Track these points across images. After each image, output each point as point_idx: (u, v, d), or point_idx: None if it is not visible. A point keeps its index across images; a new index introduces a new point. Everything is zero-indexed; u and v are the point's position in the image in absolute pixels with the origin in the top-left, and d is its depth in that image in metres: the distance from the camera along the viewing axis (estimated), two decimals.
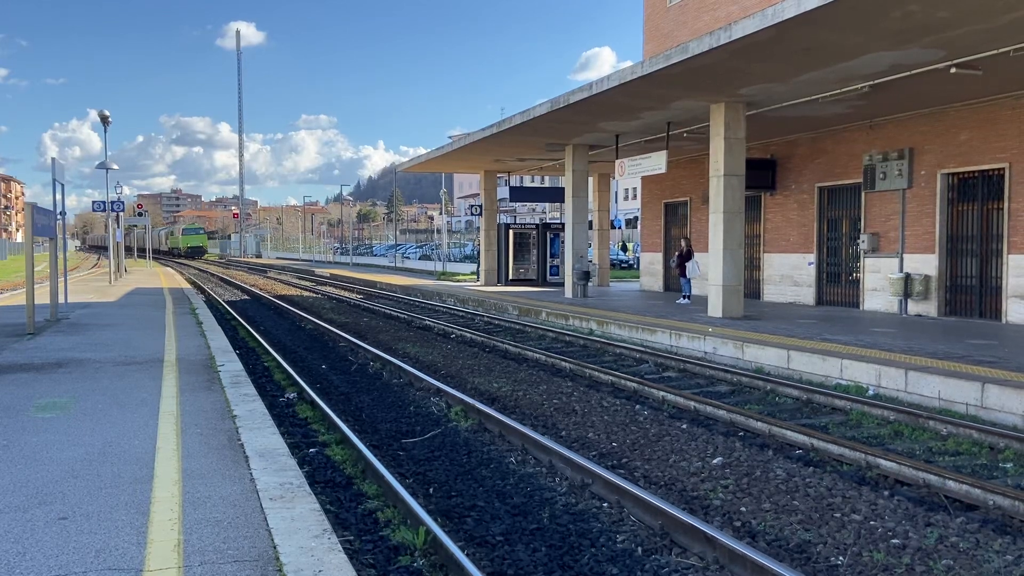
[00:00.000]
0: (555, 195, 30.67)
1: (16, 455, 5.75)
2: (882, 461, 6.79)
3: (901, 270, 16.48)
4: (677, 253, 20.73)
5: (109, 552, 3.97)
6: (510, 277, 28.96)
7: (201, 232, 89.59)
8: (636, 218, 55.49)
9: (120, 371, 9.42)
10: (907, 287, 16.14)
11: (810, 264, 19.22)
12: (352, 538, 5.35)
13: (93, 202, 35.51)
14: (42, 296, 16.80)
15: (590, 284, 22.96)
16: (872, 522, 5.59)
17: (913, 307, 16.26)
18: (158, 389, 8.25)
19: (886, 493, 6.22)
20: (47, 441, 6.15)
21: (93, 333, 13.32)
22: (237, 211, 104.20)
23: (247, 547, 4.03)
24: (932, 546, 5.17)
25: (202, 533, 4.21)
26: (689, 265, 19.84)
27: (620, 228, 67.17)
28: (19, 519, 4.44)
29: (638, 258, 34.01)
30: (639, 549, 5.25)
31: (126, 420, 6.84)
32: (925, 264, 16.15)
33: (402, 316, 20.01)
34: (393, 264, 53.86)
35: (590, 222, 27.60)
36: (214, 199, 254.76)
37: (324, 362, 13.35)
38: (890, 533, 5.38)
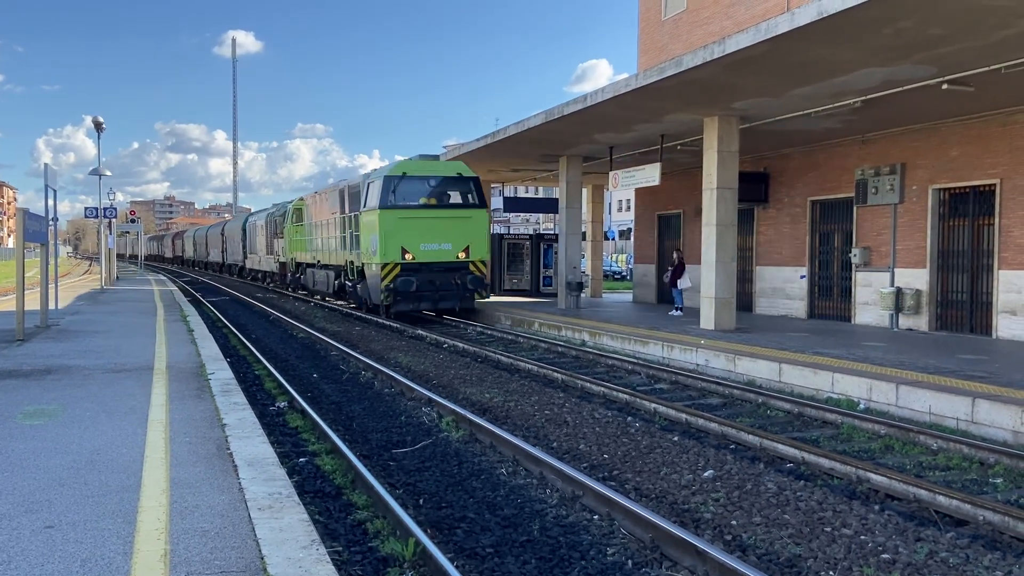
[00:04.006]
0: (549, 206, 30.71)
1: (2, 462, 5.70)
2: (873, 475, 6.80)
3: (892, 284, 16.53)
4: (670, 267, 20.75)
5: (95, 562, 3.93)
6: (503, 287, 28.93)
7: (478, 204, 20.45)
8: (630, 229, 55.63)
9: (109, 378, 9.36)
10: (898, 301, 16.19)
11: (802, 277, 19.28)
12: (341, 549, 5.32)
13: (85, 208, 35.43)
14: (32, 302, 16.71)
15: (583, 295, 22.96)
16: (862, 536, 5.58)
17: (904, 321, 16.31)
18: (147, 397, 8.20)
19: (876, 507, 6.22)
20: (34, 448, 6.10)
21: (83, 340, 13.24)
22: (231, 218, 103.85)
23: (234, 558, 4.00)
24: (922, 561, 5.17)
25: (189, 543, 4.17)
26: (681, 279, 19.90)
27: (614, 239, 67.31)
28: (5, 527, 4.40)
29: (631, 270, 34.05)
30: (629, 562, 5.23)
31: (114, 428, 6.79)
32: (916, 279, 16.21)
33: (394, 326, 19.96)
34: None
35: (584, 233, 27.63)
36: (208, 206, 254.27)
37: (315, 371, 13.30)
38: (880, 548, 5.38)
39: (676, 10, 22.62)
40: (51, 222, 16.45)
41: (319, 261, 26.44)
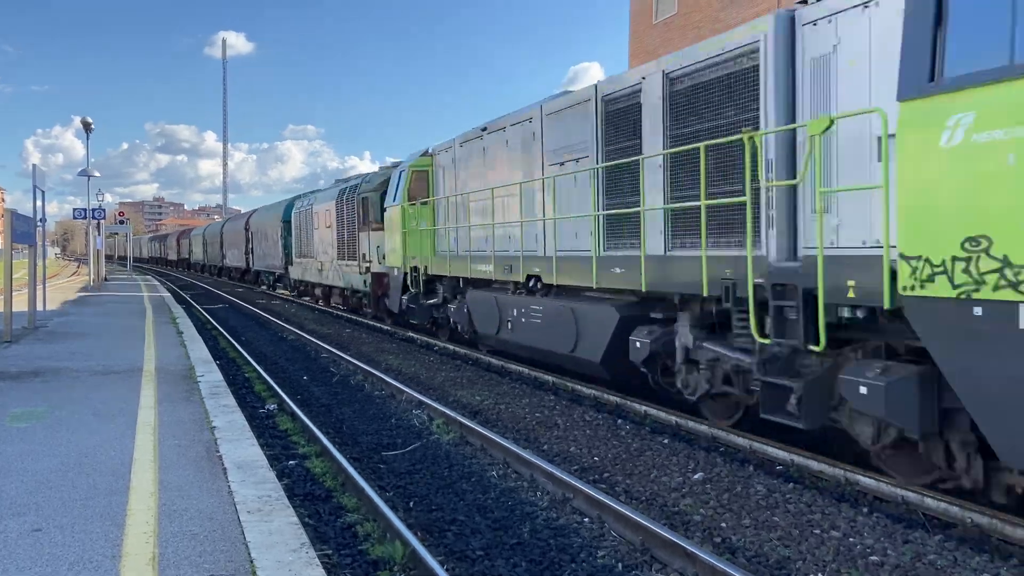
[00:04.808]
0: None
1: None
2: (861, 478, 6.83)
3: None
4: None
5: (83, 565, 3.92)
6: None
7: None
8: None
9: (98, 381, 9.32)
10: None
11: None
12: (331, 552, 5.30)
13: (74, 209, 35.33)
14: (20, 304, 16.61)
15: None
16: (851, 539, 5.61)
17: None
18: (136, 399, 8.16)
19: (865, 510, 6.25)
20: (22, 451, 6.07)
21: (71, 342, 13.18)
22: (220, 220, 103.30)
23: (223, 561, 3.99)
24: (910, 563, 5.20)
25: (178, 546, 4.16)
26: None
27: None
28: None
29: None
30: (619, 565, 5.24)
31: (103, 430, 6.76)
32: None
33: (385, 328, 19.93)
34: None
35: None
36: (197, 208, 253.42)
37: (305, 373, 13.26)
38: (869, 550, 5.41)
39: (667, 14, 22.71)
40: (39, 223, 16.36)
41: (541, 276, 11.22)
